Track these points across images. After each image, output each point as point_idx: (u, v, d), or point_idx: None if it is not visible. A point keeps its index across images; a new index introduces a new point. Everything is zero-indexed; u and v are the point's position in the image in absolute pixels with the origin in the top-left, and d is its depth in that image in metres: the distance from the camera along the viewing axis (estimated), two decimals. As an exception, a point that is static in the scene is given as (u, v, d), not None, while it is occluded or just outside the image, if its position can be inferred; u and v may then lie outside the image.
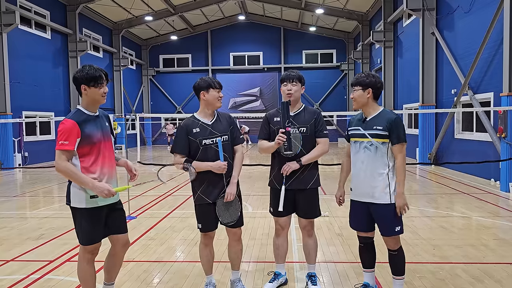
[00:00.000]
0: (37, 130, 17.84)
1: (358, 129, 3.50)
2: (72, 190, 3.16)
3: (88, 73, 3.09)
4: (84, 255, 3.26)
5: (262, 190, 9.46)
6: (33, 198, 9.42)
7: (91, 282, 3.32)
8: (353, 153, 3.55)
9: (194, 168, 3.48)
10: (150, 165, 15.56)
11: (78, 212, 3.18)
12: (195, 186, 3.67)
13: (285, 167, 3.69)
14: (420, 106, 14.76)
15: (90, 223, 3.18)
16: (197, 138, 3.56)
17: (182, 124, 3.65)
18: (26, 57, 17.05)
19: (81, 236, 3.23)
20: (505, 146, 9.37)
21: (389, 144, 3.39)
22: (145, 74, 29.72)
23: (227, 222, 3.61)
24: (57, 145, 3.06)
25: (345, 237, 5.71)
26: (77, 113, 3.15)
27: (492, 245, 5.29)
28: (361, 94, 3.45)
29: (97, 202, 3.16)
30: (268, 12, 27.25)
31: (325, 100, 28.87)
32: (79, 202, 3.14)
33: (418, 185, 10.54)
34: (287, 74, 3.82)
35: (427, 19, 14.30)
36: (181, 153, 3.60)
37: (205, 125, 3.61)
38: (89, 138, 3.11)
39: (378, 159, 3.39)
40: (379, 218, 3.42)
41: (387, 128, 3.36)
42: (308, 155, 3.73)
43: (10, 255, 5.15)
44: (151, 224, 6.61)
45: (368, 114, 3.49)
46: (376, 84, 3.44)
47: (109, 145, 3.30)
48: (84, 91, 3.13)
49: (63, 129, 3.04)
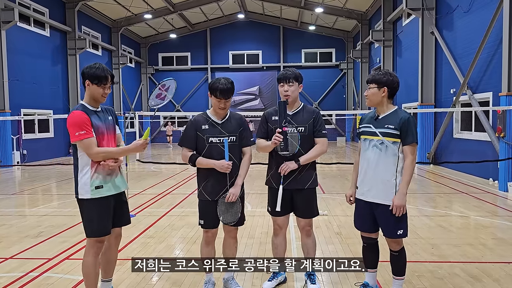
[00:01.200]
0: (35, 128, 17.81)
1: (369, 127, 3.42)
2: (79, 182, 3.26)
3: (96, 72, 3.24)
4: (91, 249, 3.31)
5: (261, 188, 9.47)
6: (31, 196, 9.41)
7: (95, 278, 3.36)
8: (362, 150, 3.50)
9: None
10: (148, 163, 15.57)
11: (85, 203, 3.27)
12: (199, 181, 3.70)
13: (283, 166, 3.66)
14: (419, 105, 14.78)
15: (98, 214, 3.27)
16: (204, 135, 3.58)
17: (192, 119, 3.69)
18: (25, 55, 17.01)
19: (88, 228, 3.30)
20: (504, 146, 9.38)
21: (400, 144, 3.31)
22: (144, 72, 29.69)
23: (228, 222, 3.61)
24: (75, 137, 3.16)
25: (344, 235, 5.72)
26: (81, 106, 3.30)
27: (490, 244, 5.31)
28: (375, 92, 3.36)
29: (103, 192, 3.27)
30: (267, 11, 27.23)
31: (324, 99, 28.87)
32: (85, 193, 3.25)
33: (417, 185, 10.55)
34: (283, 74, 3.77)
35: (426, 18, 14.31)
36: (188, 147, 3.63)
37: (214, 123, 3.62)
38: (96, 129, 3.25)
39: (387, 158, 3.32)
40: (382, 219, 3.37)
41: (399, 127, 3.28)
42: (307, 155, 3.71)
43: (8, 252, 5.14)
44: (150, 222, 6.61)
45: (381, 112, 3.41)
46: (393, 84, 3.34)
47: (112, 137, 3.43)
48: (88, 86, 3.28)
49: (76, 121, 3.17)
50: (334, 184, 10.17)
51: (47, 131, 18.62)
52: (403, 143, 3.31)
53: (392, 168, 3.32)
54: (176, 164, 14.30)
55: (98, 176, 3.26)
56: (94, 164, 3.25)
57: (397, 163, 3.32)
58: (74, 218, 6.86)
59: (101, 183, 3.27)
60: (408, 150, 3.29)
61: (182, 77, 29.03)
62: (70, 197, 8.90)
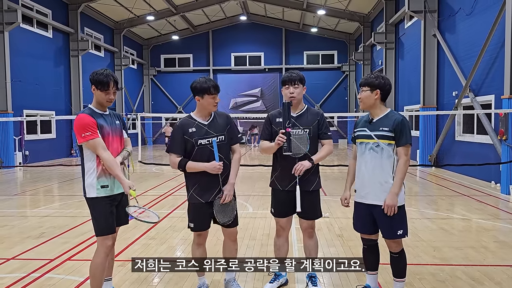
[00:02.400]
0: (38, 129, 17.85)
1: (364, 130, 3.48)
2: (86, 182, 3.36)
3: (98, 77, 3.34)
4: (101, 248, 3.37)
5: (263, 190, 9.47)
6: (33, 197, 9.43)
7: (101, 278, 3.42)
8: (359, 154, 3.53)
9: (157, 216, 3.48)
10: (150, 164, 15.60)
11: (92, 202, 3.37)
12: (188, 185, 3.68)
13: (297, 166, 3.63)
14: (421, 108, 14.77)
15: (103, 212, 3.35)
16: (192, 138, 3.55)
17: (178, 124, 3.64)
18: (28, 56, 17.07)
19: (96, 226, 3.39)
20: (506, 149, 9.36)
21: (394, 146, 3.36)
22: (146, 73, 29.73)
23: (224, 222, 3.60)
24: (81, 138, 3.25)
25: (346, 238, 5.72)
26: (88, 109, 3.42)
27: (492, 247, 5.30)
28: (368, 95, 3.42)
29: (108, 191, 3.36)
30: (269, 13, 27.26)
31: (326, 101, 28.87)
32: (92, 192, 3.34)
33: (419, 187, 10.54)
34: (288, 76, 3.77)
35: (428, 21, 14.31)
36: (176, 153, 3.59)
37: (201, 125, 3.60)
38: (101, 129, 3.35)
39: (384, 160, 3.37)
40: (382, 220, 3.39)
41: (393, 129, 3.33)
42: (319, 154, 3.73)
43: (10, 253, 5.16)
44: (151, 224, 6.61)
45: (375, 115, 3.46)
46: (385, 86, 3.41)
47: (117, 140, 3.51)
48: (93, 91, 3.40)
49: (81, 123, 3.26)
50: (336, 186, 10.16)
51: (49, 132, 18.66)
52: (397, 145, 3.36)
53: (389, 169, 3.37)
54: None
55: (104, 176, 3.36)
56: (100, 164, 3.33)
57: (394, 164, 3.37)
58: (76, 219, 6.87)
59: (107, 183, 3.37)
60: (402, 151, 3.35)
61: (184, 78, 29.06)
62: (72, 198, 8.92)
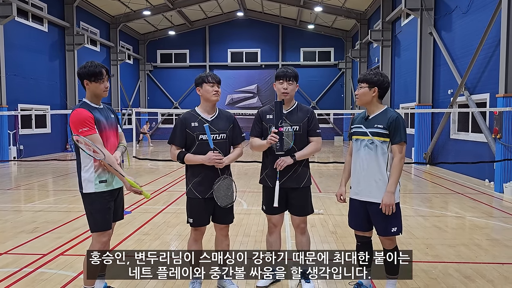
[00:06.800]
0: (32, 123, 17.74)
1: (360, 127, 3.48)
2: (83, 176, 3.32)
3: (89, 69, 3.29)
4: (97, 244, 3.34)
5: (258, 187, 9.41)
6: (27, 191, 9.39)
7: (96, 274, 3.40)
8: (354, 151, 3.54)
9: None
10: (145, 160, 15.56)
11: (89, 197, 3.32)
12: (188, 179, 3.68)
13: (279, 161, 3.65)
14: (416, 105, 14.81)
15: (101, 208, 3.32)
16: (194, 132, 3.57)
17: (181, 117, 3.65)
18: (23, 50, 16.93)
19: (92, 222, 3.35)
20: (500, 147, 9.41)
21: (389, 143, 3.37)
22: (142, 69, 29.59)
23: (226, 204, 3.58)
24: (78, 133, 3.19)
25: (339, 234, 5.74)
26: (83, 104, 3.37)
27: (484, 245, 5.33)
28: (366, 92, 3.42)
29: (106, 186, 3.34)
30: (266, 9, 27.20)
31: (322, 98, 28.87)
32: (90, 187, 3.30)
33: (413, 185, 10.58)
34: (283, 71, 3.74)
35: (425, 19, 14.33)
36: (177, 145, 3.61)
37: (204, 120, 3.61)
38: (98, 123, 3.32)
39: (379, 157, 3.38)
40: (376, 217, 3.40)
41: (387, 126, 3.34)
42: (302, 151, 3.73)
43: (3, 248, 5.14)
44: (145, 219, 6.61)
45: (371, 112, 3.47)
46: (383, 84, 3.41)
47: (113, 134, 3.48)
48: (87, 85, 3.34)
49: (78, 118, 3.21)
50: (331, 183, 10.18)
51: (44, 126, 18.55)
52: (391, 142, 3.37)
53: (383, 166, 3.38)
54: (173, 162, 14.25)
55: (102, 171, 3.34)
56: (96, 159, 3.30)
57: (388, 162, 3.38)
58: (70, 214, 6.85)
59: (105, 177, 3.34)
60: (397, 149, 3.35)
61: (181, 74, 29.01)
62: (66, 193, 8.88)
